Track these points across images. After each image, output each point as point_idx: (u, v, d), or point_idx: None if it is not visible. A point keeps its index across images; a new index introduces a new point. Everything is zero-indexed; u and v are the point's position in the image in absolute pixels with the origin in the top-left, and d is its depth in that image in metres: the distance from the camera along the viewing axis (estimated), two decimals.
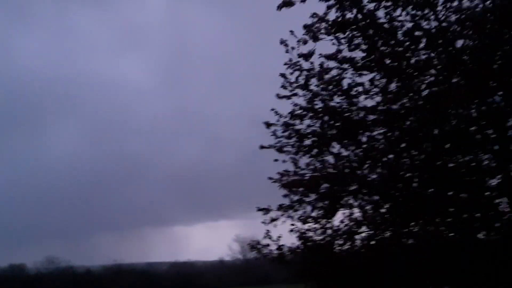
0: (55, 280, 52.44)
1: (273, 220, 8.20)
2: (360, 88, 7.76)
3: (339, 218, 8.49)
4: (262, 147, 8.32)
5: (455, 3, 6.92)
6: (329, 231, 8.16)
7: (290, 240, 8.66)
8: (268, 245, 8.27)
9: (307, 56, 7.43)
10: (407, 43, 7.13)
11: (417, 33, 7.07)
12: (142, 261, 70.57)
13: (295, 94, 7.98)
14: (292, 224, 8.29)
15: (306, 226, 8.16)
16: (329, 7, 7.11)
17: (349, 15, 7.06)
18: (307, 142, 8.09)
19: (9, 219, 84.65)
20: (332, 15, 7.19)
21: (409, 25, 7.10)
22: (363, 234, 8.14)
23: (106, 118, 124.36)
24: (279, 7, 7.14)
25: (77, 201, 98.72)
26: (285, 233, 8.74)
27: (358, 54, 7.52)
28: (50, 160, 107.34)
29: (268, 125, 8.13)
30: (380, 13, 7.07)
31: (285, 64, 7.82)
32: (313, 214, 8.27)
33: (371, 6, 7.01)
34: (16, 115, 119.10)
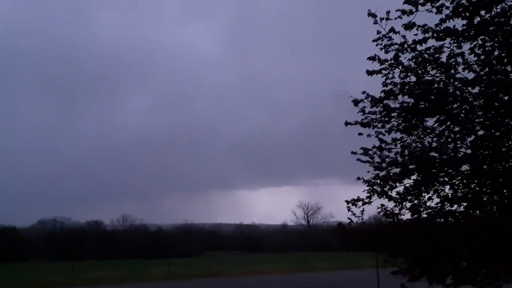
0: (130, 236, 56.05)
1: (357, 200, 8.01)
2: (459, 59, 7.22)
3: (428, 195, 8.17)
4: (347, 123, 8.07)
5: None
6: (419, 208, 7.88)
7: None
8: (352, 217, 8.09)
9: (407, 27, 6.98)
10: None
11: None
12: (209, 222, 73.77)
13: (385, 69, 7.60)
14: (382, 205, 8.08)
15: (393, 203, 7.93)
16: None
17: None
18: (397, 117, 7.72)
19: (88, 179, 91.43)
20: None
21: None
22: (454, 209, 7.79)
23: (174, 86, 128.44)
24: None
25: (149, 164, 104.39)
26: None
27: (456, 23, 6.99)
28: (124, 127, 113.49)
29: (356, 102, 7.84)
30: None
31: (374, 40, 7.43)
32: (401, 190, 8.00)
33: None
34: (93, 85, 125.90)
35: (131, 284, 23.99)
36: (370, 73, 7.57)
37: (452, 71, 7.36)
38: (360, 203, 8.00)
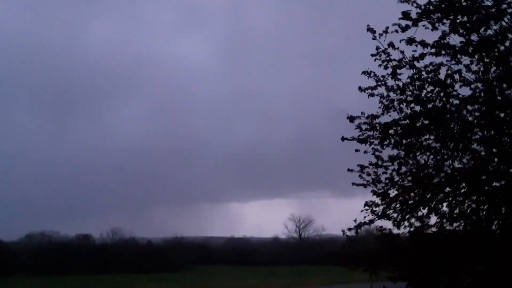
0: (120, 250, 55.30)
1: (358, 226, 7.89)
2: (456, 76, 7.19)
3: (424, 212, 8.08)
4: (343, 138, 7.99)
5: None
6: (417, 223, 7.79)
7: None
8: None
9: (408, 42, 6.92)
10: None
11: None
12: (200, 235, 73.09)
13: (381, 85, 7.55)
14: (381, 226, 7.99)
15: (391, 224, 7.82)
16: None
17: None
18: (394, 134, 7.66)
19: (76, 193, 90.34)
20: None
21: None
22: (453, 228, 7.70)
23: (167, 97, 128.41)
24: None
25: (139, 177, 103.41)
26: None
27: (455, 40, 6.98)
28: (114, 139, 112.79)
29: (351, 119, 7.77)
30: None
31: (373, 55, 7.38)
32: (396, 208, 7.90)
33: None
34: (84, 96, 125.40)
35: None
36: (362, 90, 7.53)
37: (450, 89, 7.33)
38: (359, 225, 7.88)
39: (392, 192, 8.10)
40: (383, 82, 7.35)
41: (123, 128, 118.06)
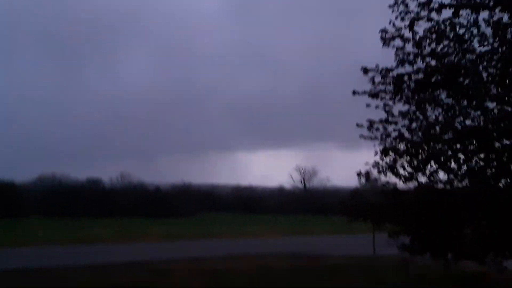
0: (128, 194, 56.56)
1: (366, 174, 7.93)
2: (474, 30, 6.99)
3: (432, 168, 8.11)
4: (354, 92, 7.91)
5: None
6: (424, 180, 7.86)
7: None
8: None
9: None
10: None
11: None
12: (207, 183, 74.35)
13: (400, 36, 7.35)
14: (387, 182, 8.06)
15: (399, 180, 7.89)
16: None
17: None
18: (407, 89, 7.55)
19: (88, 138, 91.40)
20: None
21: None
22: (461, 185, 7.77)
23: (176, 45, 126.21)
24: None
25: (147, 125, 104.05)
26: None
27: None
28: (124, 85, 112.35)
29: (365, 71, 7.64)
30: None
31: (390, 6, 7.15)
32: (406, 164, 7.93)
33: None
34: (93, 42, 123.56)
35: (132, 243, 24.37)
36: (384, 40, 7.33)
37: (467, 44, 7.15)
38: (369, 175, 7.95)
39: (401, 147, 8.12)
40: (400, 33, 7.18)
41: (131, 76, 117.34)
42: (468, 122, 7.91)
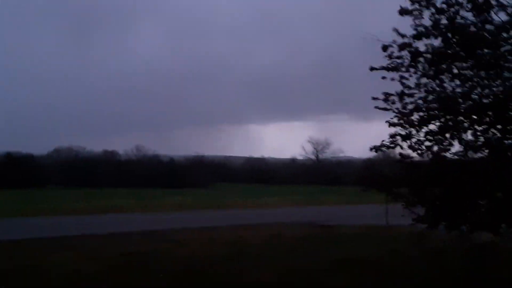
0: (143, 166, 57.48)
1: (381, 146, 7.91)
2: (493, 1, 6.81)
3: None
4: (372, 68, 7.81)
5: None
6: (439, 151, 7.85)
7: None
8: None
9: None
10: None
11: None
12: (220, 155, 74.98)
13: (416, 10, 7.20)
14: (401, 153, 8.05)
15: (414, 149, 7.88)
16: None
17: None
18: (424, 61, 7.45)
19: (104, 111, 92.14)
20: None
21: None
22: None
23: (189, 18, 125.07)
24: None
25: (162, 96, 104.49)
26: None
27: None
28: (138, 58, 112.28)
29: (384, 48, 7.51)
30: None
31: None
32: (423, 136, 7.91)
33: None
34: (106, 13, 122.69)
35: (148, 213, 24.91)
36: (403, 12, 7.17)
37: (486, 14, 6.98)
38: (384, 148, 7.95)
39: (417, 119, 8.07)
40: (417, 6, 7.02)
41: (145, 49, 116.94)
42: (486, 93, 7.81)
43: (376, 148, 7.86)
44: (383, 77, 7.98)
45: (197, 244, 13.15)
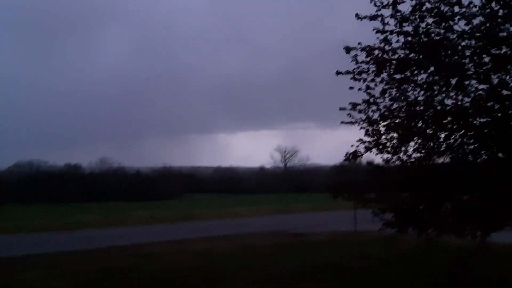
0: (108, 179, 56.06)
1: (354, 155, 8.05)
2: (456, 8, 7.14)
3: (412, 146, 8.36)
4: (338, 72, 7.99)
5: None
6: (404, 157, 8.10)
7: None
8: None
9: None
10: None
11: None
12: (188, 165, 74.23)
13: (379, 16, 7.44)
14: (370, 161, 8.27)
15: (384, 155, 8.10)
16: None
17: None
18: (388, 68, 7.70)
19: (65, 123, 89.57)
20: None
21: None
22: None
23: (153, 28, 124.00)
24: None
25: (127, 108, 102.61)
26: None
27: None
28: (103, 69, 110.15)
29: (348, 50, 7.72)
30: None
31: None
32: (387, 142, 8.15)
33: None
34: (69, 26, 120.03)
35: (116, 228, 24.34)
36: (360, 17, 7.38)
37: (450, 22, 7.28)
38: (359, 155, 8.11)
39: (383, 127, 8.31)
40: (381, 13, 7.22)
41: (110, 59, 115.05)
42: (447, 101, 8.11)
43: (351, 156, 8.00)
44: (351, 87, 8.18)
45: (170, 257, 12.98)
